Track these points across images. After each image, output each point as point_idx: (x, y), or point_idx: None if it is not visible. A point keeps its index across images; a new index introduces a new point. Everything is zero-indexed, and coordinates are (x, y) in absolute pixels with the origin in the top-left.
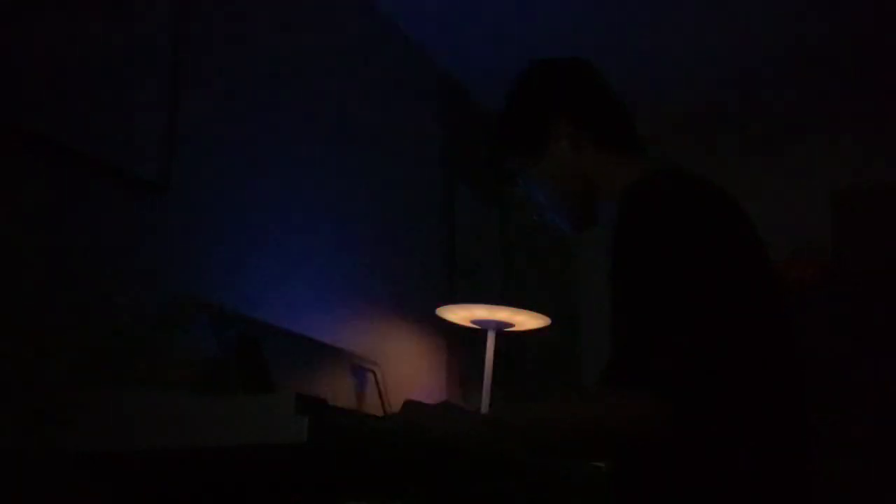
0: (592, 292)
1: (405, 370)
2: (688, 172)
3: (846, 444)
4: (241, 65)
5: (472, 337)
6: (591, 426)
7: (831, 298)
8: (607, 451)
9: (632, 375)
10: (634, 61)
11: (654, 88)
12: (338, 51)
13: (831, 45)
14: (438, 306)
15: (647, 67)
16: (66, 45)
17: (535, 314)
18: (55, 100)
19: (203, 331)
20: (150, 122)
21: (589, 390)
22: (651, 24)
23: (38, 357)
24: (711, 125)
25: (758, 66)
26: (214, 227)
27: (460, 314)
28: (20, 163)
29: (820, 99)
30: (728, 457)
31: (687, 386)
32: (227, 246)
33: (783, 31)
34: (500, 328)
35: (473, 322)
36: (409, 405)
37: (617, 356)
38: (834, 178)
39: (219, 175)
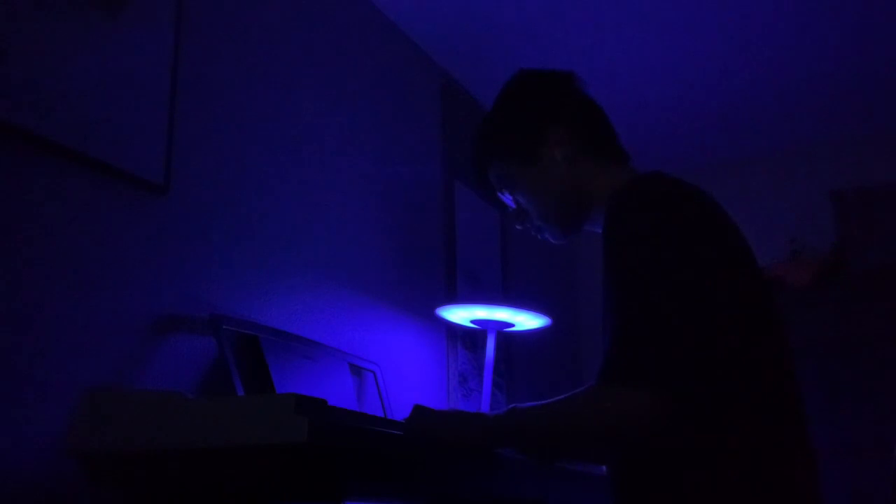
0: (592, 292)
1: (405, 370)
2: (669, 176)
3: (845, 443)
4: (241, 65)
5: (472, 337)
6: (591, 426)
7: (831, 298)
8: (607, 449)
9: (628, 372)
10: (636, 63)
11: (656, 90)
12: (338, 51)
13: (831, 46)
14: (438, 306)
15: (650, 68)
16: (66, 46)
17: (535, 314)
18: (54, 101)
19: (203, 331)
20: (151, 122)
21: (587, 389)
22: (654, 26)
23: (38, 357)
24: (712, 126)
25: (759, 66)
26: (215, 227)
27: (460, 314)
28: (18, 164)
29: (820, 99)
30: (725, 450)
31: (683, 380)
32: (228, 246)
33: (785, 32)
34: (500, 328)
35: (473, 322)
36: (418, 410)
37: (612, 353)
38: (834, 178)
39: (219, 176)
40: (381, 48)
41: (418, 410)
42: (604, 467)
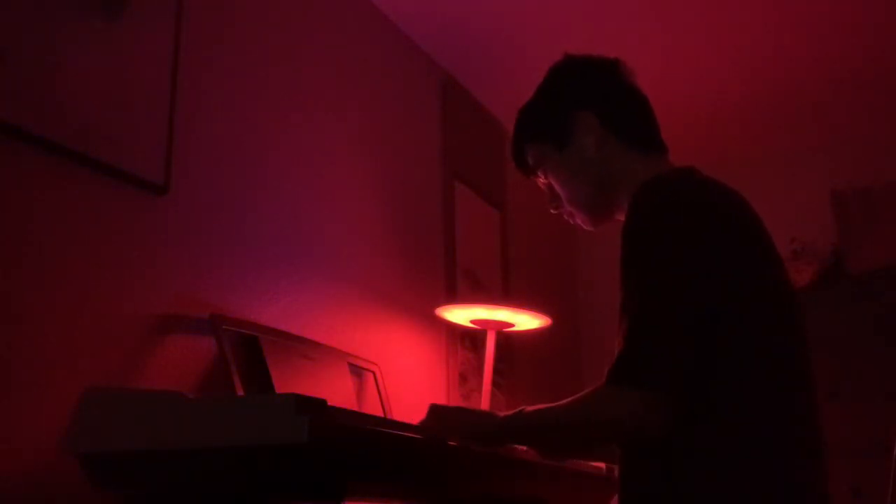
0: (592, 292)
1: (405, 370)
2: (700, 174)
3: (845, 443)
4: (241, 65)
5: (472, 337)
6: (596, 425)
7: (831, 298)
8: (609, 448)
9: (634, 373)
10: (635, 65)
11: (655, 91)
12: (338, 51)
13: (831, 46)
14: (438, 306)
15: (650, 70)
16: (66, 47)
17: (535, 314)
18: (54, 101)
19: (203, 331)
20: (151, 122)
21: (595, 389)
22: (654, 29)
23: (38, 358)
24: (713, 126)
25: (759, 67)
26: (215, 227)
27: (460, 314)
28: (18, 164)
29: (820, 99)
30: (727, 453)
31: (688, 383)
32: (228, 246)
33: (785, 32)
34: (500, 328)
35: (473, 322)
36: (435, 409)
37: (621, 354)
38: (834, 178)
39: (219, 176)
40: (382, 48)
41: (435, 409)
42: (602, 466)
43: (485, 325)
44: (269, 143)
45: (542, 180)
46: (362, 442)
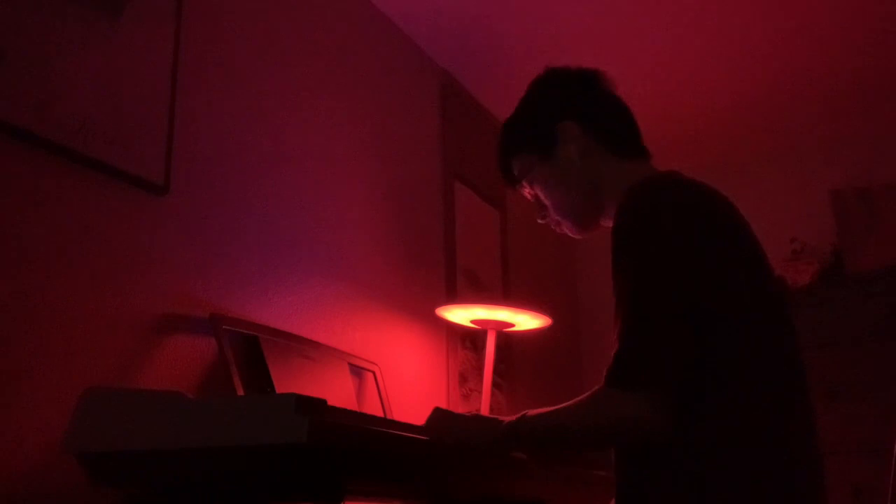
0: (592, 292)
1: (405, 370)
2: (685, 177)
3: (845, 442)
4: (241, 65)
5: (472, 337)
6: (595, 429)
7: (831, 298)
8: (612, 449)
9: (629, 377)
10: (635, 63)
11: (656, 91)
12: (338, 51)
13: (831, 46)
14: (438, 306)
15: (650, 69)
16: (66, 46)
17: (535, 314)
18: (54, 101)
19: (203, 331)
20: (151, 122)
21: (592, 393)
22: (654, 26)
23: (38, 357)
24: (713, 126)
25: (760, 67)
26: (215, 227)
27: (460, 314)
28: (18, 164)
29: (820, 99)
30: (721, 453)
31: (682, 386)
32: (228, 246)
33: (785, 32)
34: (500, 328)
35: (473, 322)
36: (438, 413)
37: (616, 357)
38: (834, 178)
39: (219, 176)
40: (381, 48)
41: (438, 413)
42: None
43: (485, 325)
44: (269, 143)
45: (527, 191)
46: (362, 442)
